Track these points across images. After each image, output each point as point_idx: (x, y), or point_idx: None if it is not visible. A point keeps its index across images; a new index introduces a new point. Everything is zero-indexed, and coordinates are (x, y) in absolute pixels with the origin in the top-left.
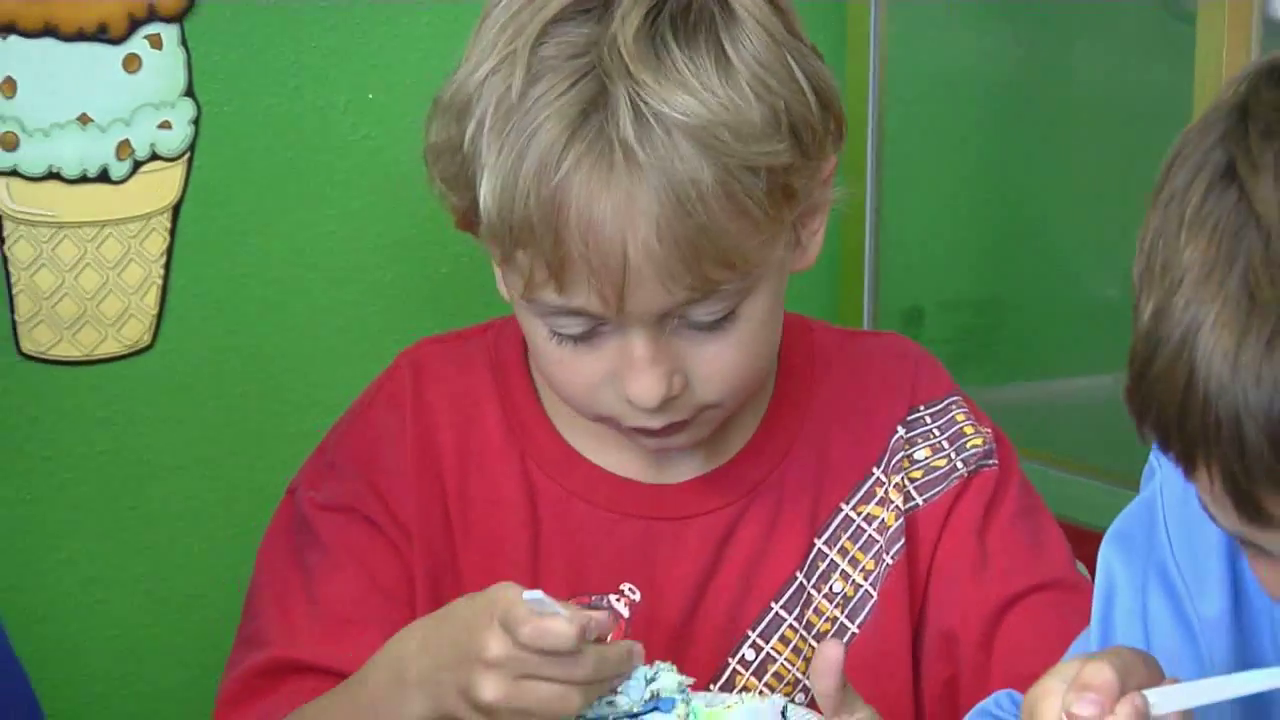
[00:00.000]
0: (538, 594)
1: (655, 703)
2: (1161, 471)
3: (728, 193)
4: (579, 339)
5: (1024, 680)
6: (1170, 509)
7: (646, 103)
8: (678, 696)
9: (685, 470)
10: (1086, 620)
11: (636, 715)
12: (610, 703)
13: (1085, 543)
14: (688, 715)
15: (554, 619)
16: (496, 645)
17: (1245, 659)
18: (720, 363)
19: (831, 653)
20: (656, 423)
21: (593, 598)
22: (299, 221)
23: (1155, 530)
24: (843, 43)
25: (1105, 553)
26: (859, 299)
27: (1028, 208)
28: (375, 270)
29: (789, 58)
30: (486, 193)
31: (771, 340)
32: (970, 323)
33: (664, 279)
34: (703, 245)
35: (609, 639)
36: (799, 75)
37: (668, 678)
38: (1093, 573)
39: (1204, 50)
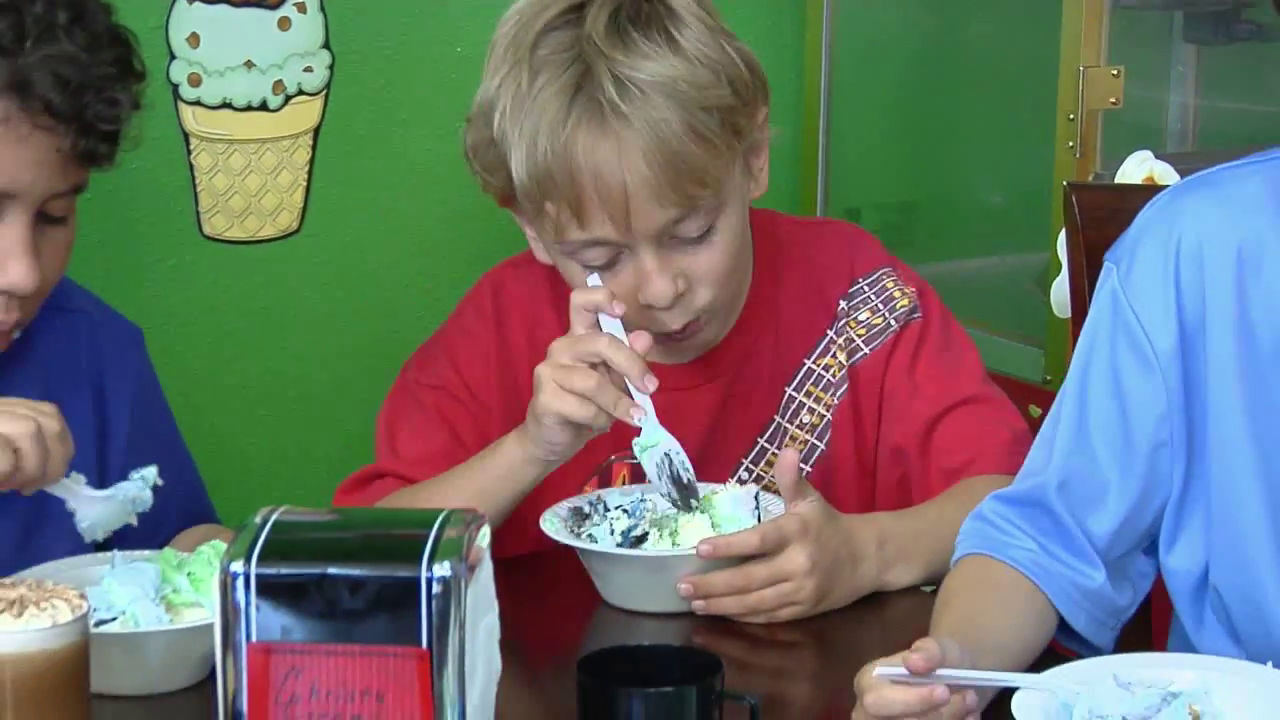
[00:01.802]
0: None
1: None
2: (1119, 269)
3: (691, 127)
4: (603, 268)
5: (952, 471)
6: (1130, 282)
7: (621, 72)
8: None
9: (691, 353)
10: (995, 422)
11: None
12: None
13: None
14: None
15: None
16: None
17: (1191, 389)
18: (709, 266)
19: (788, 457)
20: (676, 323)
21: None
22: (409, 142)
23: (1118, 307)
24: (803, 18)
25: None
26: (814, 202)
27: (938, 136)
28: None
29: (719, 38)
30: (516, 164)
31: (744, 249)
32: (893, 219)
33: (657, 198)
34: (680, 168)
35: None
36: (728, 49)
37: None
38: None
39: (1068, 18)
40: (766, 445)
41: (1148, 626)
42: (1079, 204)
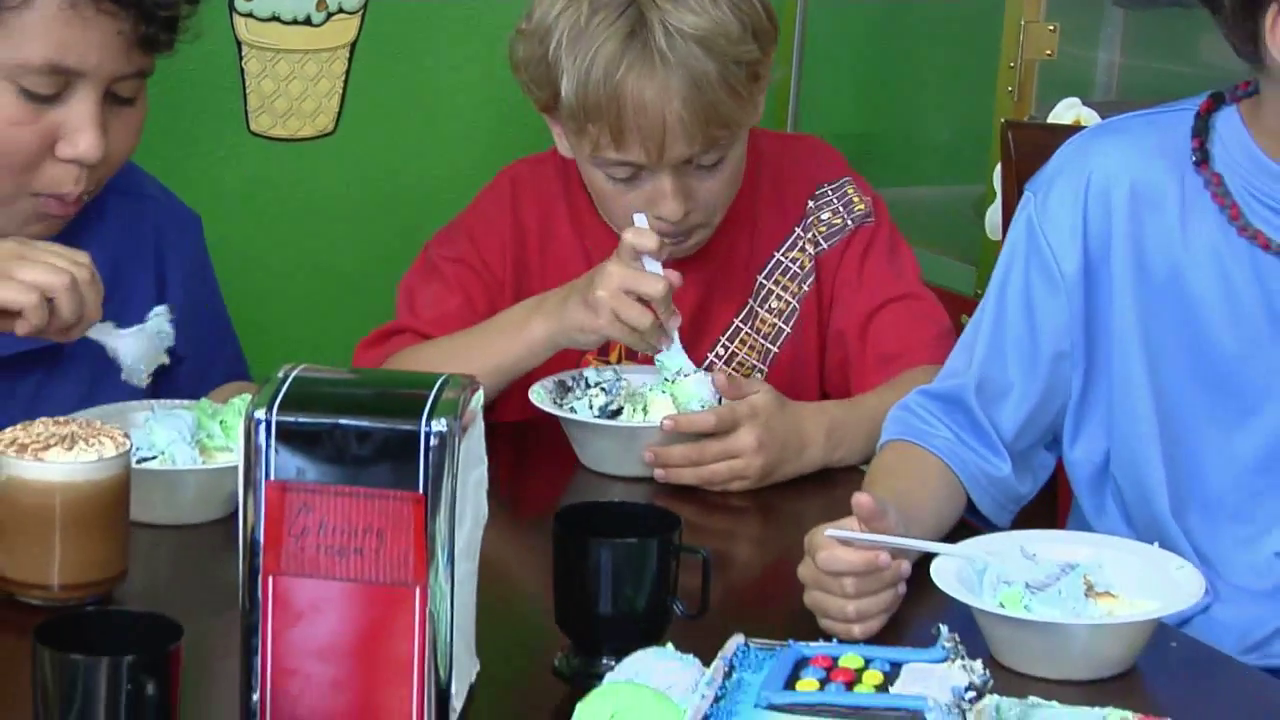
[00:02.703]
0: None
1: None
2: (1036, 199)
3: (724, 78)
4: (626, 180)
5: (886, 357)
6: (1044, 211)
7: (670, 22)
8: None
9: (682, 253)
10: (925, 318)
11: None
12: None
13: None
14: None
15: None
16: (614, 267)
17: (1093, 308)
18: (714, 191)
19: (718, 375)
20: (681, 232)
21: None
22: (435, 57)
23: (1032, 233)
24: None
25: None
26: (785, 128)
27: (895, 77)
28: (495, 99)
29: None
30: (566, 87)
31: (741, 172)
32: (852, 147)
33: (688, 137)
34: (711, 114)
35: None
36: (756, 4)
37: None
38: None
39: None
40: (741, 325)
41: (1053, 512)
42: (1014, 141)
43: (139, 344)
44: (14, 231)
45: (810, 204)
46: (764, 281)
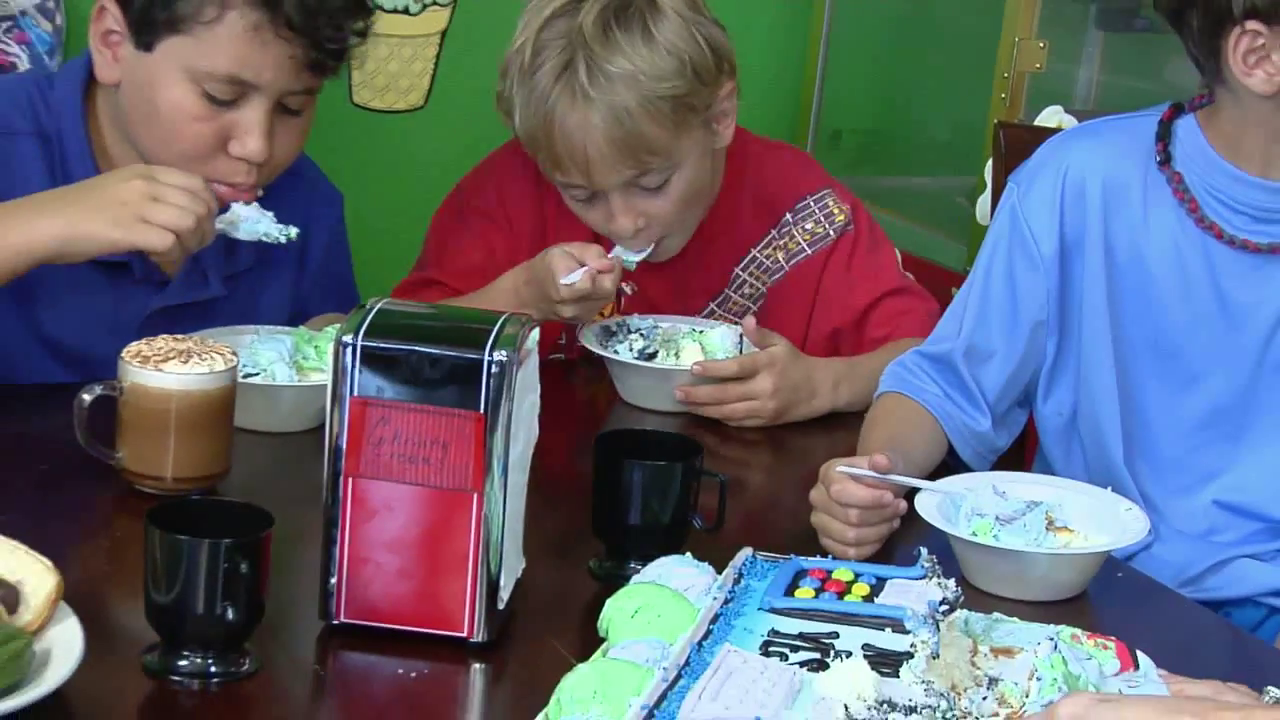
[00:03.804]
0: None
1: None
2: (1019, 189)
3: (645, 111)
4: (585, 201)
5: (880, 340)
6: (1026, 201)
7: (596, 63)
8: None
9: (660, 256)
10: (913, 306)
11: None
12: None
13: (917, 268)
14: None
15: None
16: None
17: (1067, 286)
18: (662, 209)
19: (748, 320)
20: (638, 247)
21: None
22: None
23: (1015, 219)
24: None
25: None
26: (808, 124)
27: (904, 82)
28: None
29: (692, 29)
30: (518, 120)
31: (700, 189)
32: (865, 140)
33: (613, 165)
34: (633, 143)
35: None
36: (699, 38)
37: None
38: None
39: (1013, 2)
40: (715, 308)
41: (1021, 457)
42: (1005, 139)
43: (254, 214)
44: None
45: (789, 215)
46: (739, 272)
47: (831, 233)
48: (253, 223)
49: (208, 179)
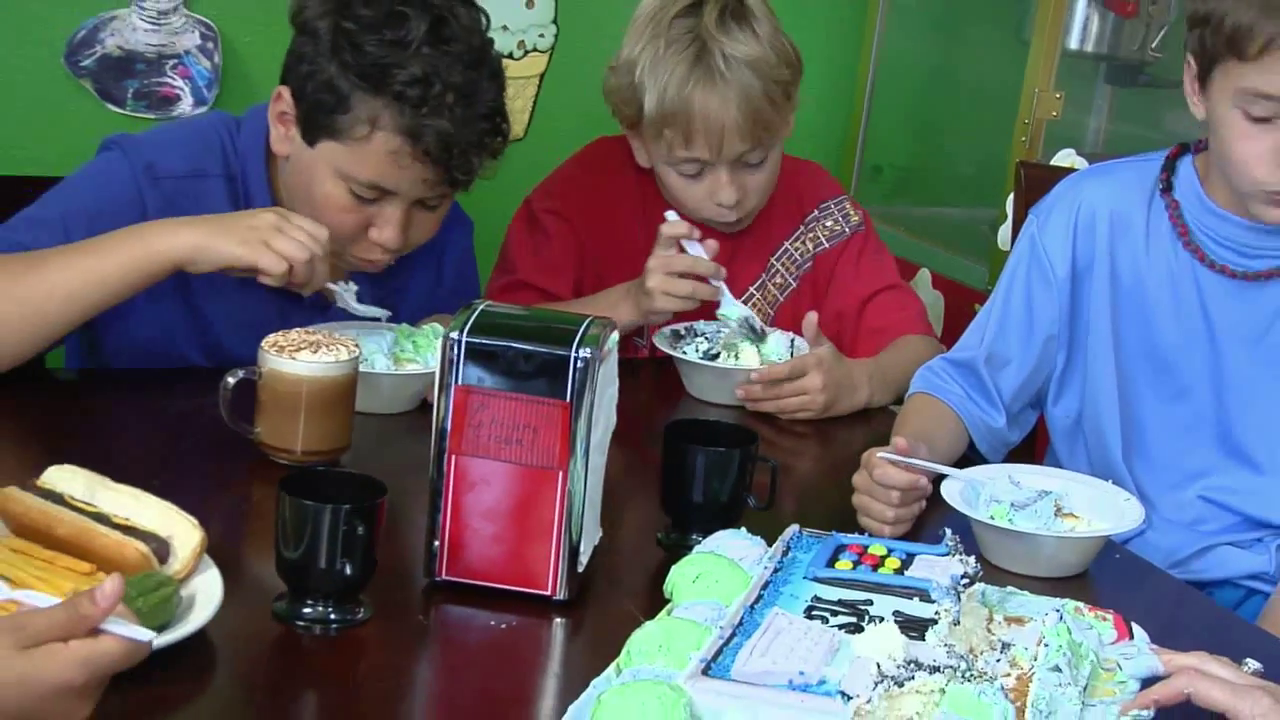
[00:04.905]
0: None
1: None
2: (1038, 220)
3: (767, 95)
4: (693, 176)
5: (876, 330)
6: (1044, 230)
7: (726, 50)
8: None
9: (730, 230)
10: (904, 303)
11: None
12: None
13: (945, 286)
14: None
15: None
16: (653, 262)
17: (1077, 305)
18: (759, 182)
19: (810, 317)
20: (733, 216)
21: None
22: (598, 87)
23: (1034, 246)
24: (860, 42)
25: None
26: (854, 157)
27: (938, 125)
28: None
29: (778, 30)
30: (650, 104)
31: (778, 171)
32: (902, 175)
33: (740, 138)
34: (757, 119)
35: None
36: (784, 40)
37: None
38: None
39: (1032, 57)
40: (754, 292)
41: (1033, 453)
42: (1025, 177)
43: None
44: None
45: (815, 212)
46: (774, 263)
47: (847, 230)
48: (350, 301)
49: (354, 255)
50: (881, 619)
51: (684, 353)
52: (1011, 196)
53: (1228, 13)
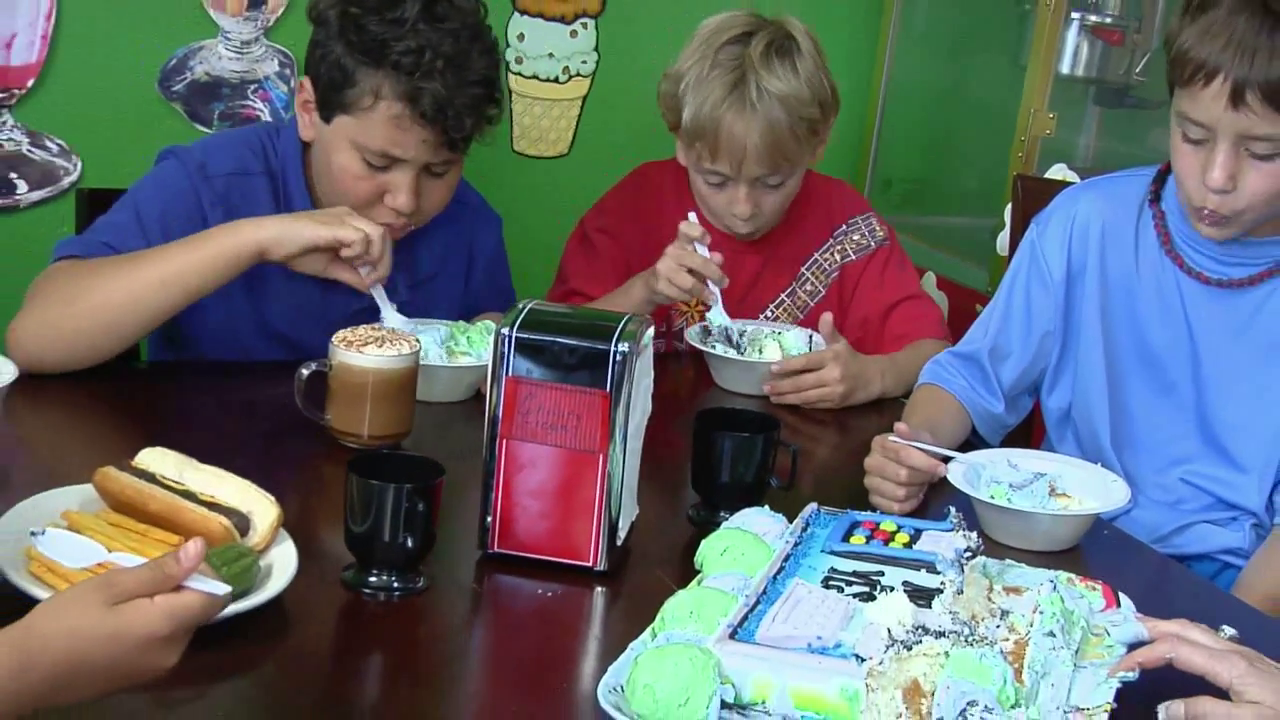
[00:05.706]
0: (693, 216)
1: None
2: (1038, 228)
3: (792, 129)
4: (716, 185)
5: (898, 336)
6: (1043, 237)
7: (761, 84)
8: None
9: (749, 239)
10: (926, 312)
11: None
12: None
13: (949, 288)
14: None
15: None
16: (670, 249)
17: (1071, 305)
18: (773, 203)
19: (826, 317)
20: (745, 229)
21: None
22: (639, 111)
23: (1034, 251)
24: (872, 63)
25: (1012, 268)
26: (866, 170)
27: (943, 141)
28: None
29: (820, 71)
30: (687, 116)
31: (793, 195)
32: (910, 187)
33: (759, 162)
34: (777, 149)
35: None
36: (824, 79)
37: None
38: (961, 287)
39: (1029, 80)
40: (785, 298)
41: (1029, 438)
42: (1021, 189)
43: (392, 319)
44: None
45: (843, 227)
46: (804, 271)
47: (873, 244)
48: (389, 310)
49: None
50: (892, 588)
51: (713, 347)
52: (1010, 207)
53: (1172, 39)
